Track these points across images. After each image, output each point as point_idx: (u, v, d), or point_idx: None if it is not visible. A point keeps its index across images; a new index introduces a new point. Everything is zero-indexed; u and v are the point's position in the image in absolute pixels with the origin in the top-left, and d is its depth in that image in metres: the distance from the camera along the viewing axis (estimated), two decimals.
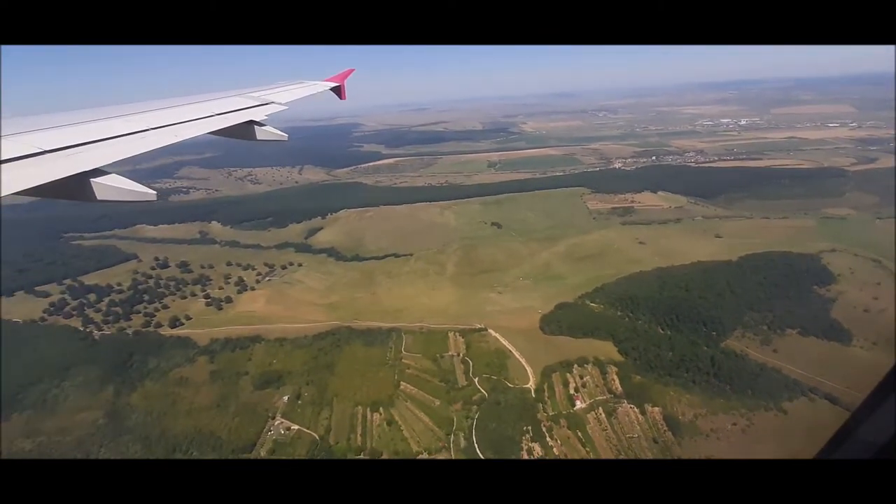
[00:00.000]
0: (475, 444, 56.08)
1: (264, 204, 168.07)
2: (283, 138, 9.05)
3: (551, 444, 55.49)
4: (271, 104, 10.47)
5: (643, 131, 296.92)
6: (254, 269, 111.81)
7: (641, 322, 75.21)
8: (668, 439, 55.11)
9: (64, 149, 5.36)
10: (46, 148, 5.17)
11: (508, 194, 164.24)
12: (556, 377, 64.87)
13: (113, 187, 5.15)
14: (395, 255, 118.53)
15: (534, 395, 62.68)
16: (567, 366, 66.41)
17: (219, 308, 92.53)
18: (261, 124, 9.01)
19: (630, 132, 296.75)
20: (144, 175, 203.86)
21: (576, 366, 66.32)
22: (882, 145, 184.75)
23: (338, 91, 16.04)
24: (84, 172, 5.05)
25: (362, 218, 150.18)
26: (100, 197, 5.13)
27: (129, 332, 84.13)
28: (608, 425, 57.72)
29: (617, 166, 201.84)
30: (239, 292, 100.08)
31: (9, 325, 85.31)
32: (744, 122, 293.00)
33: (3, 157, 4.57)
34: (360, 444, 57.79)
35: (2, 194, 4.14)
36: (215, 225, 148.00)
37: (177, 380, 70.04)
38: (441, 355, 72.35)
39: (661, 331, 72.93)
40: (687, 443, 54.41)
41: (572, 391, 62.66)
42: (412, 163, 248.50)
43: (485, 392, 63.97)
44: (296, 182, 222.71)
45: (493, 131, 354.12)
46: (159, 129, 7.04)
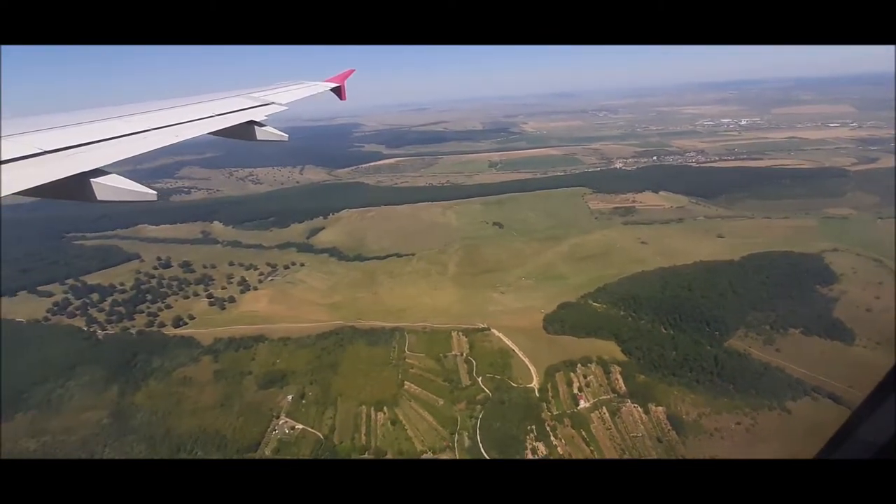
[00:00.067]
0: (479, 444, 56.15)
1: (266, 204, 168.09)
2: (284, 138, 9.03)
3: (555, 443, 55.61)
4: (271, 104, 10.43)
5: (644, 131, 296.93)
6: (256, 268, 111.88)
7: (644, 322, 75.31)
8: (672, 438, 55.24)
9: (64, 149, 5.33)
10: (47, 148, 5.14)
11: (510, 194, 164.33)
12: (560, 377, 64.98)
13: (113, 187, 5.13)
14: (398, 255, 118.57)
15: (537, 394, 62.77)
16: (570, 365, 66.53)
17: (222, 308, 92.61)
18: (261, 124, 9.00)
19: (631, 132, 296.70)
20: (145, 175, 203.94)
21: (579, 365, 66.42)
22: (883, 145, 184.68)
23: (338, 91, 16.03)
24: (84, 172, 5.03)
25: (364, 218, 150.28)
26: (100, 197, 5.10)
27: (132, 331, 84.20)
28: (612, 425, 57.82)
29: (618, 166, 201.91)
30: (242, 292, 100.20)
31: (12, 324, 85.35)
32: (744, 122, 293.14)
33: (4, 158, 4.55)
34: (364, 443, 57.88)
35: (2, 194, 4.12)
36: (217, 225, 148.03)
37: (181, 379, 70.10)
38: (444, 355, 72.42)
39: (664, 330, 73.03)
40: (691, 442, 54.53)
41: (576, 390, 62.77)
42: (413, 163, 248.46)
43: (488, 391, 64.05)
44: (297, 182, 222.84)
45: (493, 131, 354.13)
46: (159, 129, 7.02)
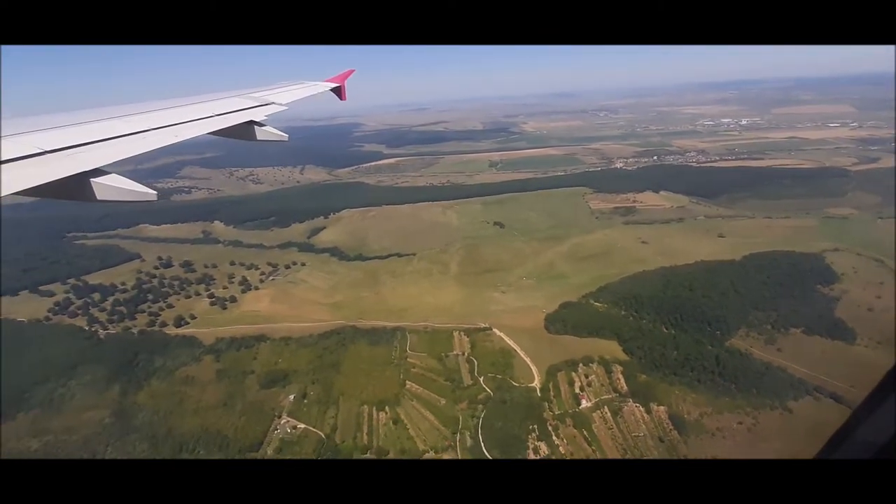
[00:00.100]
0: (481, 443, 56.20)
1: (266, 204, 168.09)
2: (284, 138, 9.00)
3: (557, 442, 55.67)
4: (271, 104, 10.41)
5: (644, 131, 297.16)
6: (257, 268, 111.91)
7: (646, 321, 75.37)
8: (673, 438, 55.31)
9: (64, 149, 5.31)
10: (47, 148, 5.13)
11: (510, 194, 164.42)
12: (562, 376, 65.06)
13: (113, 187, 5.11)
14: (398, 255, 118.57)
15: (539, 394, 62.84)
16: (572, 365, 66.60)
17: (223, 307, 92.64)
18: (261, 124, 8.97)
19: (631, 132, 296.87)
20: (145, 175, 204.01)
21: (581, 365, 66.49)
22: (883, 145, 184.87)
23: (338, 92, 16.06)
24: (84, 172, 5.01)
25: (365, 217, 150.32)
26: (100, 197, 5.08)
27: (134, 331, 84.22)
28: (614, 424, 57.88)
29: (618, 166, 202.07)
30: (243, 292, 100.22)
31: (14, 324, 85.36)
32: (744, 122, 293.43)
33: (4, 158, 4.54)
34: (366, 442, 57.96)
35: (2, 194, 4.11)
36: (218, 224, 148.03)
37: (183, 379, 70.16)
38: (446, 354, 72.49)
39: (666, 330, 73.11)
40: (693, 441, 54.59)
41: (578, 390, 62.83)
42: (413, 162, 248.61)
43: (490, 391, 64.12)
44: (297, 182, 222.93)
45: (493, 131, 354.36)
46: (159, 129, 7.01)
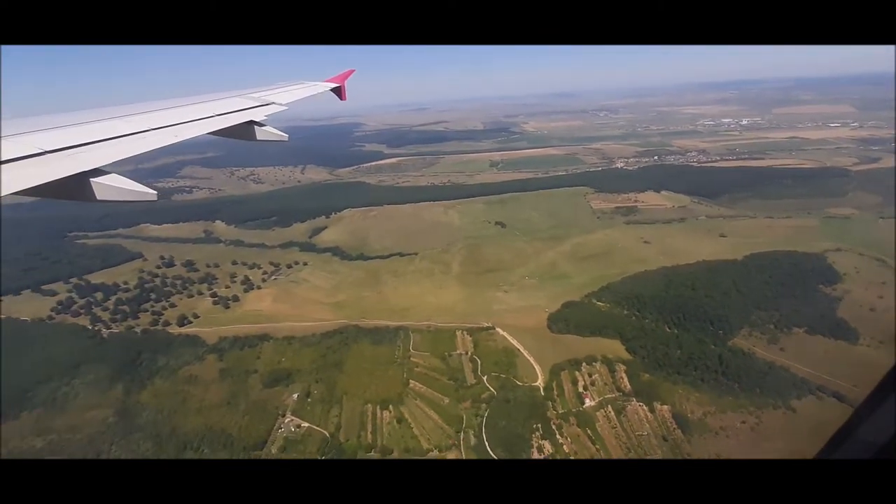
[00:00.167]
0: (485, 442, 56.28)
1: (267, 203, 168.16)
2: (284, 138, 8.99)
3: (561, 441, 55.73)
4: (271, 104, 10.42)
5: (644, 131, 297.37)
6: (259, 267, 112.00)
7: (648, 321, 75.47)
8: (677, 437, 55.38)
9: (64, 149, 5.30)
10: (47, 148, 5.12)
11: (511, 194, 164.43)
12: (565, 375, 65.15)
13: (113, 187, 5.10)
14: (400, 255, 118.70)
15: (543, 393, 62.93)
16: (575, 364, 66.69)
17: (226, 307, 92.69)
18: (261, 124, 8.97)
19: (631, 132, 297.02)
20: (146, 174, 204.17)
21: (584, 364, 66.57)
22: (884, 145, 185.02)
23: (338, 92, 16.09)
24: (84, 172, 4.99)
25: (366, 217, 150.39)
26: (100, 197, 5.07)
27: (137, 330, 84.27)
28: (617, 423, 57.95)
29: (619, 166, 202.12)
30: (245, 291, 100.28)
31: (17, 323, 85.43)
32: (745, 122, 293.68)
33: (4, 158, 4.54)
34: (370, 441, 57.99)
35: (2, 194, 4.11)
36: (219, 224, 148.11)
37: (186, 378, 70.22)
38: (449, 353, 72.55)
39: (669, 329, 73.21)
40: (696, 440, 54.68)
41: (581, 389, 62.89)
42: (414, 162, 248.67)
43: (494, 390, 64.16)
44: (298, 181, 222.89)
45: (494, 131, 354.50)
46: (159, 129, 7.03)
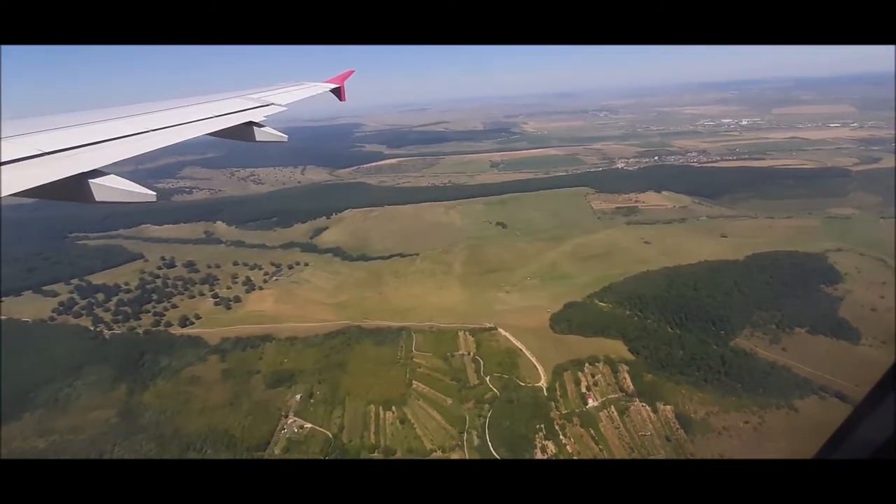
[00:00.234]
0: (488, 443, 56.33)
1: (268, 204, 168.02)
2: (283, 139, 8.95)
3: (564, 441, 55.81)
4: (271, 105, 10.42)
5: (645, 131, 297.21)
6: (261, 268, 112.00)
7: (651, 321, 75.50)
8: (680, 437, 55.47)
9: (64, 150, 5.30)
10: (46, 149, 5.12)
11: (512, 194, 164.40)
12: (568, 376, 65.22)
13: (111, 188, 5.09)
14: (402, 255, 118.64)
15: (546, 393, 62.99)
16: (578, 364, 66.75)
17: (228, 307, 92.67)
18: (260, 125, 8.96)
19: (632, 132, 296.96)
20: (146, 175, 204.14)
21: (587, 364, 66.66)
22: (884, 145, 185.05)
23: (338, 92, 16.07)
24: (83, 173, 4.99)
25: (367, 218, 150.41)
26: (98, 198, 5.05)
27: (139, 331, 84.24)
28: (621, 423, 58.05)
29: (620, 166, 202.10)
30: (247, 291, 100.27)
31: (18, 324, 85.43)
32: (745, 122, 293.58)
33: (3, 159, 4.54)
34: (373, 442, 58.02)
35: (1, 196, 4.11)
36: (220, 225, 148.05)
37: (189, 378, 70.26)
38: (452, 354, 72.60)
39: (671, 330, 73.25)
40: (699, 440, 54.75)
41: (584, 389, 62.99)
42: (415, 163, 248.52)
43: (496, 391, 64.21)
44: (298, 182, 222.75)
45: (494, 131, 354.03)
46: (158, 130, 7.03)
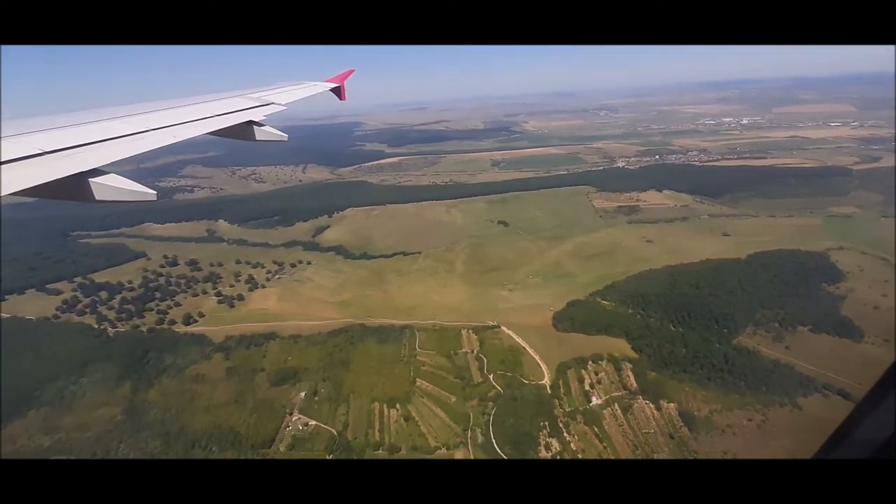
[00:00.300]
0: (493, 440, 56.55)
1: (270, 202, 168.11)
2: (283, 138, 8.95)
3: (568, 439, 56.06)
4: (271, 105, 10.44)
5: (645, 130, 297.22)
6: (263, 266, 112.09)
7: (654, 319, 75.77)
8: (684, 435, 55.71)
9: (63, 150, 5.31)
10: (46, 149, 5.12)
11: (513, 193, 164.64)
12: (571, 374, 65.45)
13: (111, 187, 5.08)
14: (404, 254, 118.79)
15: (549, 391, 63.22)
16: (581, 362, 66.99)
17: (231, 305, 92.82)
18: (260, 124, 8.97)
19: (632, 131, 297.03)
20: (147, 174, 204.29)
21: (590, 362, 66.88)
22: (884, 144, 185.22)
23: (337, 92, 16.15)
24: (82, 172, 4.99)
25: (369, 216, 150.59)
26: (98, 197, 5.04)
27: (143, 329, 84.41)
28: (624, 421, 58.28)
29: (621, 165, 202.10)
30: (250, 290, 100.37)
31: (22, 322, 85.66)
32: (746, 121, 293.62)
33: (3, 159, 4.55)
34: (378, 439, 58.27)
35: (1, 195, 4.13)
36: (222, 223, 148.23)
37: (193, 376, 70.43)
38: (455, 352, 72.83)
39: (674, 328, 73.50)
40: (703, 438, 54.97)
41: (588, 387, 63.19)
42: (415, 161, 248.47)
43: (500, 388, 64.43)
44: (300, 181, 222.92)
45: (494, 130, 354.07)
46: (159, 129, 7.06)
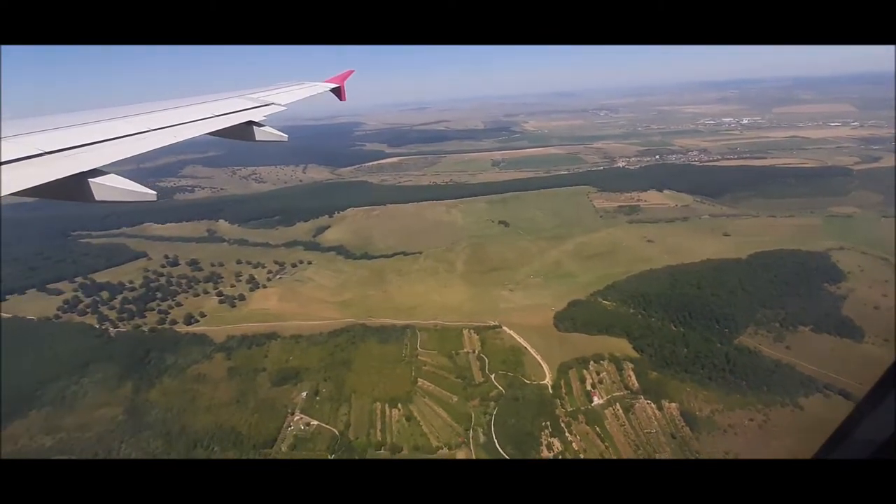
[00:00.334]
0: (494, 440, 56.61)
1: (270, 202, 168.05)
2: (283, 139, 8.94)
3: (570, 439, 56.12)
4: (271, 105, 10.46)
5: (645, 130, 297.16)
6: (264, 266, 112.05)
7: (655, 319, 75.82)
8: (685, 434, 55.78)
9: (63, 150, 5.31)
10: (46, 149, 5.12)
11: (514, 193, 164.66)
12: (573, 373, 65.52)
13: (111, 187, 5.08)
14: (404, 254, 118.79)
15: (551, 391, 63.29)
16: (583, 362, 67.06)
17: (232, 305, 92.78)
18: (260, 125, 8.98)
19: (632, 131, 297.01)
20: (147, 174, 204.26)
21: (592, 362, 66.94)
22: (884, 144, 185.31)
23: (337, 92, 16.17)
24: (82, 173, 4.99)
25: (369, 216, 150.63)
26: (98, 197, 5.03)
27: (144, 329, 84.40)
28: (626, 421, 58.34)
29: (621, 165, 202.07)
30: (251, 290, 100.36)
31: (24, 322, 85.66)
32: (746, 121, 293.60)
33: (3, 159, 4.55)
34: (379, 439, 58.31)
35: (0, 195, 4.13)
36: (223, 223, 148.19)
37: (195, 376, 70.41)
38: (456, 352, 72.85)
39: (675, 328, 73.56)
40: (705, 438, 55.05)
41: (589, 387, 63.25)
42: (416, 161, 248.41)
43: (502, 388, 64.50)
44: (300, 181, 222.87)
45: (494, 130, 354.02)
46: (159, 129, 7.08)
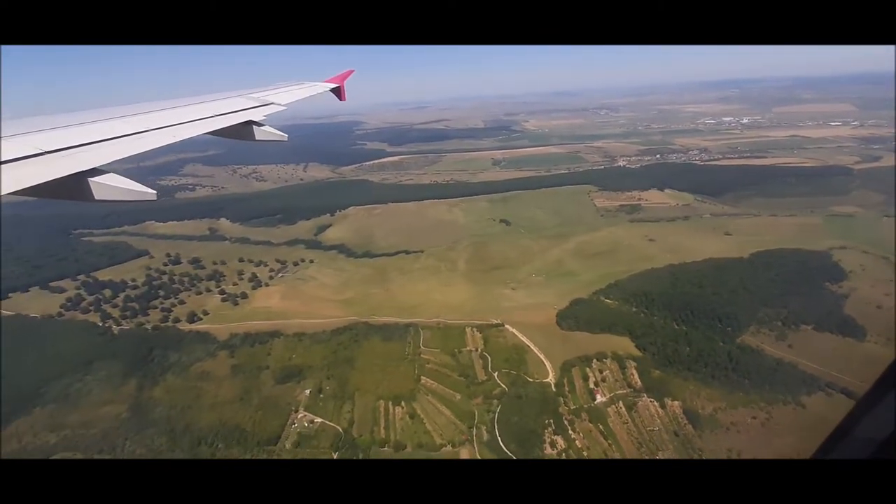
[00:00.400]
0: (498, 438, 56.84)
1: (271, 201, 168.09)
2: (283, 138, 8.95)
3: (573, 437, 56.33)
4: (271, 105, 10.47)
5: (646, 129, 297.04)
6: (266, 265, 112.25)
7: (657, 318, 75.97)
8: (688, 432, 55.99)
9: (63, 149, 5.32)
10: (46, 148, 5.13)
11: (515, 192, 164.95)
12: (576, 372, 65.71)
13: (111, 186, 5.08)
14: (406, 252, 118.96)
15: (554, 389, 63.50)
16: (586, 360, 67.23)
17: (235, 303, 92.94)
18: (259, 124, 8.99)
19: (633, 130, 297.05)
20: (147, 173, 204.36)
21: (594, 360, 67.12)
22: (885, 144, 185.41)
23: (337, 92, 16.24)
24: (82, 172, 4.99)
25: (371, 215, 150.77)
26: (98, 196, 5.03)
27: (147, 327, 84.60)
28: (629, 419, 58.56)
29: (622, 164, 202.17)
30: (253, 288, 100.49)
31: (27, 320, 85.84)
32: (746, 121, 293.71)
33: (3, 158, 4.56)
34: (383, 436, 58.52)
35: (0, 194, 4.14)
36: (224, 222, 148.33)
37: (198, 374, 70.62)
38: (459, 350, 73.04)
39: (677, 326, 73.72)
40: (707, 436, 55.25)
41: (592, 385, 63.43)
42: (417, 160, 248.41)
43: (505, 386, 64.70)
44: (301, 179, 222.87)
45: (495, 129, 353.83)
46: (158, 129, 7.10)
